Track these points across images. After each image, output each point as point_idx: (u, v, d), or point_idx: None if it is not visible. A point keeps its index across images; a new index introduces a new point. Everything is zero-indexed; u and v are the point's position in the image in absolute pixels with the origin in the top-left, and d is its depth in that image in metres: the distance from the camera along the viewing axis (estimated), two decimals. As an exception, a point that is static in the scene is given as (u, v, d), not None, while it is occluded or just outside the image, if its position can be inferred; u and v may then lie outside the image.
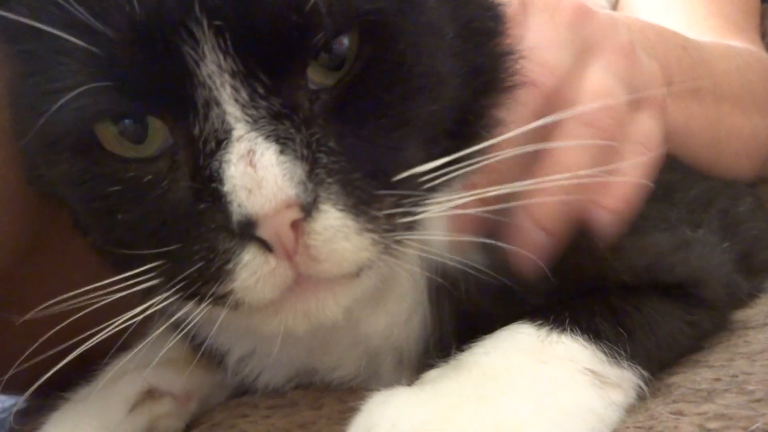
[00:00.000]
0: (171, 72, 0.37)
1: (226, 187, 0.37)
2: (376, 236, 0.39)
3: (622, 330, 0.45)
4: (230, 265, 0.38)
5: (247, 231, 0.37)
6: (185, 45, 0.36)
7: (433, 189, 0.41)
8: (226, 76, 0.36)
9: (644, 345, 0.46)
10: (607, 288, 0.48)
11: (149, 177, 0.39)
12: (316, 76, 0.39)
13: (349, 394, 0.50)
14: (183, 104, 0.37)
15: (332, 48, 0.38)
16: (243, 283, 0.38)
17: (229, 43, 0.36)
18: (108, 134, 0.39)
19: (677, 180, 0.57)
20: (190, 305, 0.41)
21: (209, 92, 0.37)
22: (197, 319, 0.42)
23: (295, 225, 0.37)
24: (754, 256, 0.60)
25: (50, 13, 0.37)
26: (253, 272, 0.38)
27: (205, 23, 0.36)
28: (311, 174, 0.37)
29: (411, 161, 0.41)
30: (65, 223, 0.50)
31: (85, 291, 0.42)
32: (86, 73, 0.37)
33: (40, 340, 0.46)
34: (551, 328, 0.44)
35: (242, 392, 0.58)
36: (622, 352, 0.44)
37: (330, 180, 0.37)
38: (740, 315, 0.56)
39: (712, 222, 0.56)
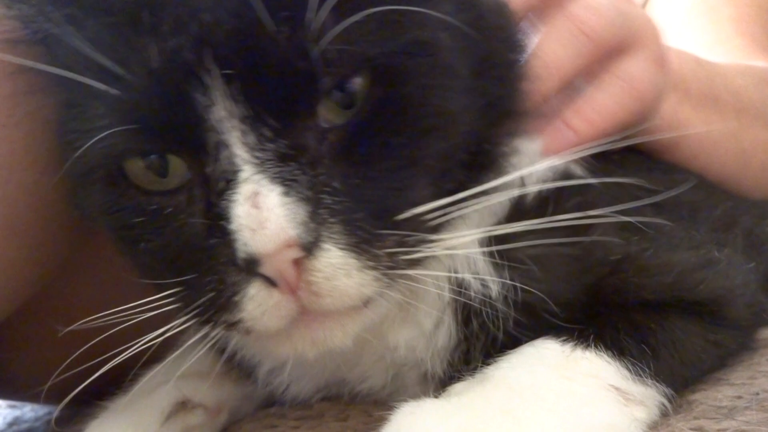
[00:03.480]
0: (185, 116, 0.39)
1: (233, 226, 0.39)
2: (378, 273, 0.40)
3: (645, 347, 0.45)
4: (238, 297, 0.40)
5: (252, 267, 0.39)
6: (196, 92, 0.38)
7: (439, 226, 0.43)
8: (235, 121, 0.39)
9: (668, 362, 0.46)
10: (631, 305, 0.48)
11: (169, 209, 0.42)
12: (328, 114, 0.40)
13: (374, 407, 0.52)
14: (197, 145, 0.40)
15: (345, 86, 0.40)
16: (250, 314, 0.41)
17: (238, 90, 0.38)
18: (135, 168, 0.42)
19: (702, 199, 0.57)
20: (206, 329, 0.44)
21: (219, 135, 0.39)
22: (219, 337, 0.45)
23: (298, 262, 0.39)
24: None
25: (81, 61, 0.40)
26: (258, 305, 0.40)
27: (215, 72, 0.38)
28: (314, 214, 0.39)
29: (416, 200, 0.42)
30: (101, 246, 0.52)
31: (118, 310, 0.44)
32: (112, 115, 0.40)
33: (79, 351, 0.48)
34: (576, 344, 0.44)
35: (270, 404, 0.59)
36: (646, 369, 0.44)
37: (332, 220, 0.39)
38: (764, 334, 0.56)
39: (737, 242, 0.56)
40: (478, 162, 0.45)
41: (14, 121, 0.49)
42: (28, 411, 0.86)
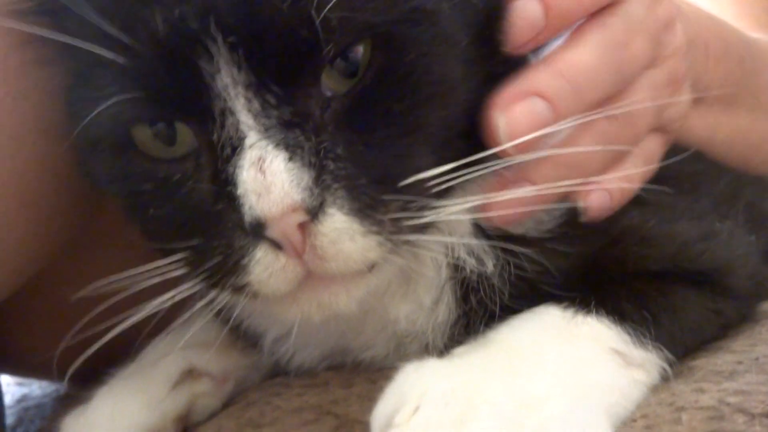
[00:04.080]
0: (191, 83, 0.40)
1: (239, 191, 0.39)
2: (381, 238, 0.41)
3: (646, 313, 0.46)
4: (245, 261, 0.41)
5: (258, 231, 0.40)
6: (201, 59, 0.39)
7: (442, 193, 0.43)
8: (240, 88, 0.39)
9: (669, 329, 0.47)
10: (632, 275, 0.49)
11: (177, 176, 0.43)
12: (331, 83, 0.41)
13: (379, 374, 0.52)
14: (203, 113, 0.40)
15: (348, 56, 0.41)
16: (257, 277, 0.41)
17: (242, 57, 0.39)
18: (143, 136, 0.43)
19: (703, 171, 0.58)
20: (213, 293, 0.44)
21: (224, 102, 0.40)
22: (225, 303, 0.46)
23: (303, 227, 0.39)
24: None
25: (88, 30, 0.40)
26: (265, 268, 0.41)
27: (219, 39, 0.38)
28: (318, 180, 0.39)
29: (419, 167, 0.42)
30: (111, 220, 0.53)
31: (127, 275, 0.46)
32: (120, 83, 0.40)
33: (87, 317, 0.49)
34: (577, 310, 0.45)
35: (276, 376, 0.60)
36: (647, 334, 0.45)
37: (336, 185, 0.40)
38: (764, 306, 0.56)
39: (738, 215, 0.57)
40: (478, 133, 0.46)
41: (23, 93, 0.49)
42: (36, 388, 0.87)
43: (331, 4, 0.38)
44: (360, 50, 0.41)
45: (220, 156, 0.41)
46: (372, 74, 0.41)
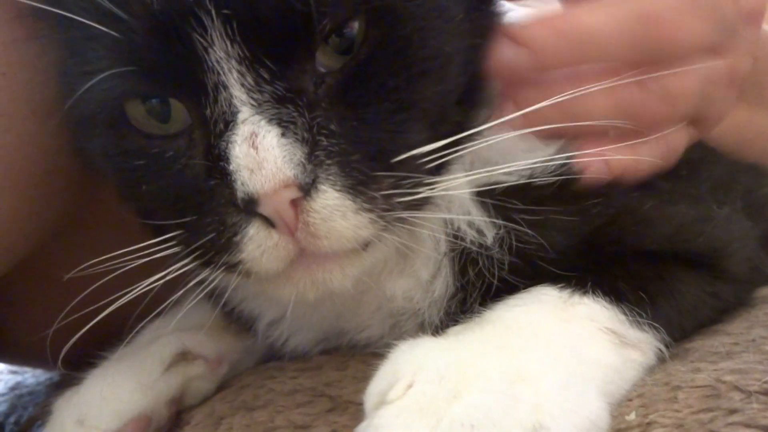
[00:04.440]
0: (184, 57, 0.39)
1: (232, 166, 0.39)
2: (374, 215, 0.40)
3: (643, 294, 0.46)
4: (237, 238, 0.41)
5: (251, 207, 0.39)
6: (195, 33, 0.39)
7: (436, 169, 0.43)
8: (233, 62, 0.39)
9: (665, 310, 0.47)
10: (630, 256, 0.49)
11: (170, 153, 0.42)
12: (326, 58, 0.41)
13: (373, 357, 0.52)
14: (196, 87, 0.40)
15: (344, 32, 0.40)
16: (250, 255, 0.41)
17: (235, 31, 0.38)
18: (137, 112, 0.42)
19: (701, 158, 0.57)
20: (206, 272, 0.44)
21: (218, 77, 0.39)
22: (218, 283, 0.45)
23: (295, 203, 0.39)
24: None
25: (81, 5, 0.40)
26: (258, 245, 0.41)
27: (213, 12, 0.38)
28: (311, 156, 0.39)
29: (413, 143, 0.42)
30: (104, 202, 0.53)
31: (117, 255, 0.45)
32: (113, 57, 0.40)
33: (80, 297, 0.48)
34: (573, 290, 0.45)
35: (270, 359, 0.60)
36: (643, 315, 0.45)
37: (329, 162, 0.39)
38: (761, 292, 0.56)
39: (736, 201, 0.56)
40: (473, 103, 0.45)
41: (14, 69, 0.49)
42: (29, 377, 0.86)
43: None
44: (355, 26, 0.40)
45: (213, 131, 0.40)
46: (367, 49, 0.41)
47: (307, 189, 0.39)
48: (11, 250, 0.56)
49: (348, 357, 0.54)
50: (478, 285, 0.48)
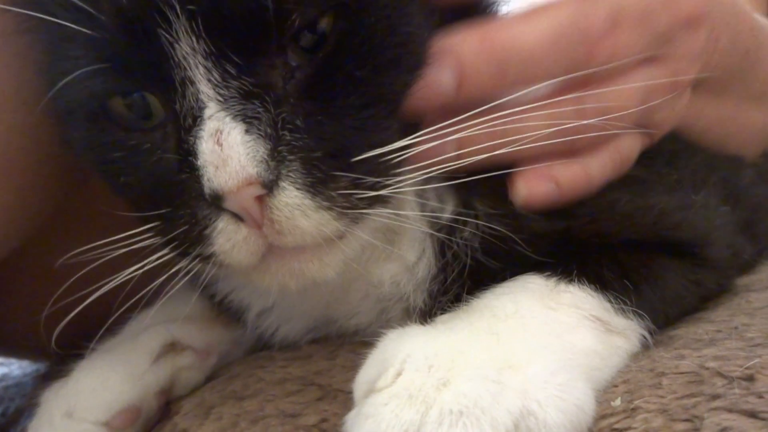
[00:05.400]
0: (152, 53, 0.40)
1: (199, 162, 0.40)
2: (334, 213, 0.41)
3: (628, 282, 0.47)
4: (208, 231, 0.41)
5: (217, 203, 0.40)
6: (160, 28, 0.39)
7: (398, 165, 0.43)
8: (200, 57, 0.39)
9: (649, 298, 0.47)
10: (614, 246, 0.49)
11: (147, 146, 0.43)
12: (296, 55, 0.41)
13: (362, 346, 0.52)
14: (166, 82, 0.40)
15: (316, 28, 0.40)
16: (221, 248, 0.42)
17: (201, 26, 0.39)
18: (118, 107, 0.43)
19: (680, 149, 0.58)
20: (183, 262, 0.44)
21: (184, 72, 0.40)
22: (205, 273, 0.46)
23: (260, 199, 0.40)
24: (756, 223, 0.61)
25: (59, 2, 0.40)
26: (228, 238, 0.41)
27: (177, 8, 0.38)
28: (274, 152, 0.39)
29: (377, 140, 0.42)
30: (90, 187, 0.53)
31: (102, 244, 0.46)
32: (89, 55, 0.41)
33: (65, 285, 0.49)
34: (559, 279, 0.45)
35: (259, 350, 0.60)
36: (628, 303, 0.45)
37: (291, 158, 0.40)
38: (743, 280, 0.57)
39: (714, 188, 0.57)
40: None
41: (3, 63, 0.49)
42: (16, 368, 0.86)
43: None
44: (325, 20, 0.40)
45: (183, 126, 0.41)
46: (333, 41, 0.41)
47: (270, 186, 0.39)
48: (4, 241, 0.56)
49: (337, 346, 0.55)
50: (455, 266, 0.48)
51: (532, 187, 0.46)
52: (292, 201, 0.40)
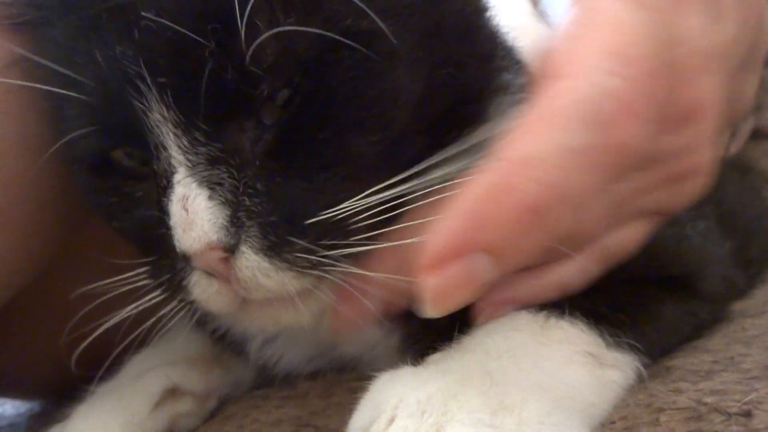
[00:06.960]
0: (131, 119, 0.42)
1: (171, 222, 0.41)
2: (294, 273, 0.42)
3: (623, 316, 0.46)
4: (185, 282, 0.44)
5: (188, 261, 0.42)
6: (134, 98, 0.41)
7: (356, 227, 0.42)
8: (170, 125, 0.41)
9: (644, 330, 0.47)
10: (607, 278, 0.49)
11: (139, 194, 0.45)
12: (270, 114, 0.42)
13: (358, 384, 0.52)
14: (145, 145, 0.42)
15: (279, 95, 0.41)
16: (198, 297, 0.44)
17: (170, 98, 0.40)
18: (119, 156, 0.45)
19: None
20: (172, 305, 0.46)
21: (157, 138, 0.42)
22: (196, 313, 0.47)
23: (226, 260, 0.41)
24: (747, 248, 0.61)
25: (54, 73, 0.43)
26: (203, 290, 0.43)
27: (149, 80, 0.40)
28: (233, 218, 0.41)
29: (334, 200, 0.42)
30: (94, 239, 0.54)
31: (102, 284, 0.48)
32: (81, 117, 0.43)
33: (69, 325, 0.50)
34: (549, 313, 0.45)
35: (259, 387, 0.60)
36: (622, 336, 0.45)
37: (249, 223, 0.41)
38: (738, 305, 0.57)
39: (710, 214, 0.57)
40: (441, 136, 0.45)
41: (11, 111, 0.50)
42: (9, 407, 0.85)
43: (260, 42, 0.38)
44: (294, 83, 0.41)
45: (159, 186, 0.43)
46: (297, 102, 0.41)
47: (232, 249, 0.41)
48: (5, 287, 0.56)
49: (333, 384, 0.54)
50: None
51: (486, 318, 0.45)
52: (252, 264, 0.41)
